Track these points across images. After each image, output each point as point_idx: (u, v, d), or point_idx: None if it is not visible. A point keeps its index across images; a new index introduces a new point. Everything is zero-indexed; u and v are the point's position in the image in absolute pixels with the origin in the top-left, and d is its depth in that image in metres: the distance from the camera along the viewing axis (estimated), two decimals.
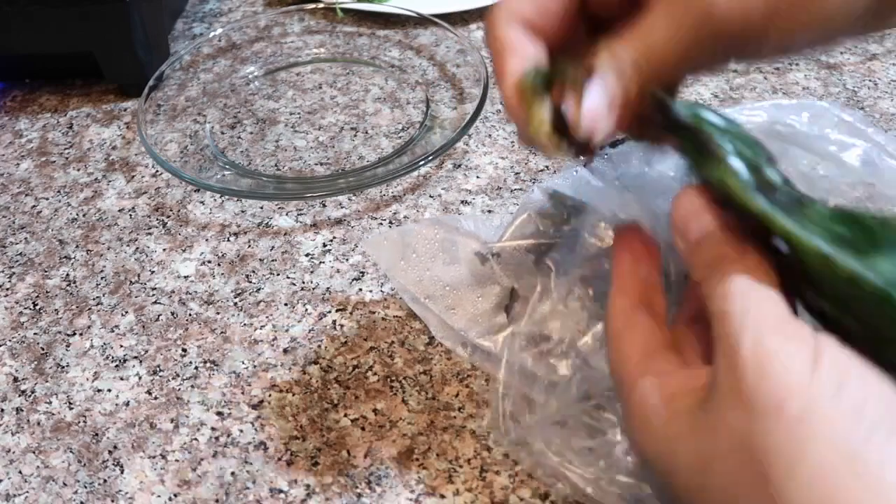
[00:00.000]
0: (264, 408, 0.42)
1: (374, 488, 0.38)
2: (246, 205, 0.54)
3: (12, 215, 0.56)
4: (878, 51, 0.64)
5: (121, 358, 0.45)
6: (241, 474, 0.39)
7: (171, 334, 0.46)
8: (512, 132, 0.58)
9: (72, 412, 0.43)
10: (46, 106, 0.65)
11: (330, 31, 0.70)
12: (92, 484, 0.40)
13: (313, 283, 0.49)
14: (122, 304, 0.48)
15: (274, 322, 0.47)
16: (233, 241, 0.52)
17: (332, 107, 0.62)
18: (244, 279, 0.49)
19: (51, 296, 0.49)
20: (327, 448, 0.40)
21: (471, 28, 0.70)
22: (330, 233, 0.52)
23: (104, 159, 0.60)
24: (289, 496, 0.38)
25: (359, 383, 0.43)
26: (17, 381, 0.45)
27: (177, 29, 0.73)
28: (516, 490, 0.38)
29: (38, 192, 0.57)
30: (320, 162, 0.57)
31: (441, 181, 0.55)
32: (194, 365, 0.45)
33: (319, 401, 0.42)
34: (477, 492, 0.38)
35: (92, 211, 0.55)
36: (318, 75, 0.66)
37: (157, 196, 0.56)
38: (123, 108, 0.64)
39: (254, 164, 0.58)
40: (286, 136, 0.60)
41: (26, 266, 0.52)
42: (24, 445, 0.42)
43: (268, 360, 0.45)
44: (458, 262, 0.44)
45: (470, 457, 0.39)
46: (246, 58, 0.68)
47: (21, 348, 0.47)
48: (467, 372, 0.43)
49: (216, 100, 0.64)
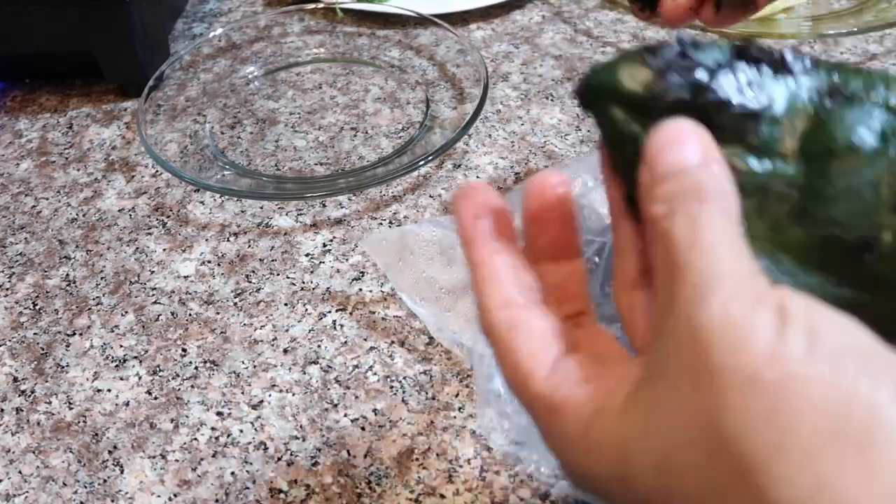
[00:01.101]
0: (264, 408, 0.42)
1: (374, 488, 0.38)
2: (246, 205, 0.54)
3: (12, 215, 0.56)
4: (878, 51, 0.64)
5: (121, 358, 0.45)
6: (241, 474, 0.39)
7: (171, 334, 0.46)
8: (512, 132, 0.58)
9: (72, 412, 0.43)
10: (46, 106, 0.65)
11: (330, 31, 0.70)
12: (92, 484, 0.40)
13: (313, 283, 0.49)
14: (122, 304, 0.49)
15: (274, 322, 0.47)
16: (233, 241, 0.52)
17: (332, 107, 0.62)
18: (244, 279, 0.49)
19: (51, 296, 0.49)
20: (327, 448, 0.40)
21: (471, 28, 0.70)
22: (330, 233, 0.52)
23: (104, 159, 0.60)
24: (289, 496, 0.38)
25: (359, 383, 0.43)
26: (17, 381, 0.45)
27: (177, 29, 0.73)
28: (516, 490, 0.38)
29: (38, 192, 0.57)
30: (320, 162, 0.57)
31: (441, 181, 0.55)
32: (194, 365, 0.45)
33: (319, 401, 0.42)
34: (477, 492, 0.38)
35: (92, 211, 0.55)
36: (318, 75, 0.66)
37: (157, 196, 0.56)
38: (123, 108, 0.65)
39: (254, 164, 0.58)
40: (286, 136, 0.60)
41: (26, 266, 0.52)
42: (24, 445, 0.42)
43: (268, 360, 0.45)
44: (455, 263, 0.44)
45: (470, 457, 0.39)
46: (246, 58, 0.68)
47: (21, 348, 0.47)
48: (467, 372, 0.43)
49: (216, 100, 0.64)
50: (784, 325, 0.21)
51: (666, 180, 0.24)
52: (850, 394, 0.20)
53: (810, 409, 0.20)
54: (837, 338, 0.21)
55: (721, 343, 0.21)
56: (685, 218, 0.23)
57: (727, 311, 0.21)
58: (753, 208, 0.25)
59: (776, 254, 0.25)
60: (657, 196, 0.24)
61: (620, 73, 0.26)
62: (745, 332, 0.21)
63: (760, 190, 0.25)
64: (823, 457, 0.20)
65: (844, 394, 0.20)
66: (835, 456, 0.20)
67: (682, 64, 0.25)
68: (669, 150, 0.24)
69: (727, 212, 0.23)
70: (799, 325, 0.21)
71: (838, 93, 0.25)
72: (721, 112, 0.25)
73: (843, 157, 0.25)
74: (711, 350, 0.21)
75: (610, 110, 0.26)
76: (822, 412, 0.20)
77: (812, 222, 0.25)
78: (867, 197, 0.24)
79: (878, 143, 0.25)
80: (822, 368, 0.21)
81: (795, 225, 0.25)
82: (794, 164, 0.25)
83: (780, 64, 0.26)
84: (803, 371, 0.21)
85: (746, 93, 0.25)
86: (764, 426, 0.20)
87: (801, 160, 0.25)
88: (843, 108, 0.25)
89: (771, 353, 0.21)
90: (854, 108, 0.25)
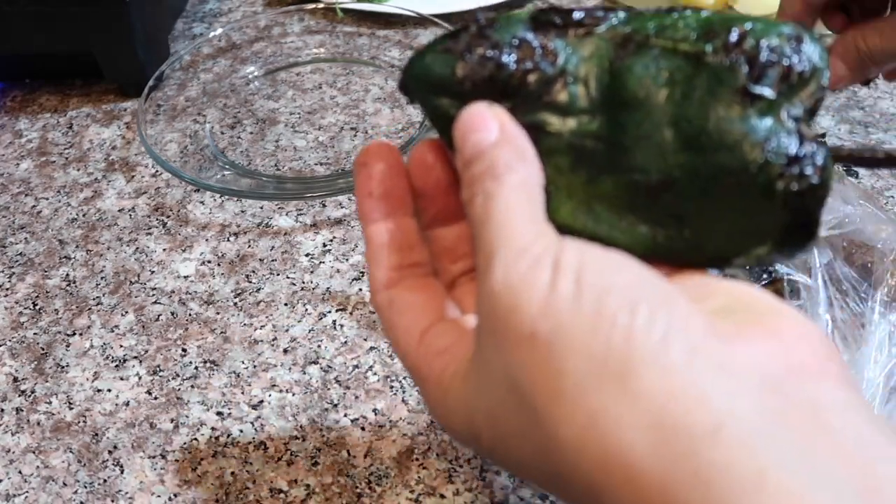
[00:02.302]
0: (264, 408, 0.42)
1: (374, 488, 0.38)
2: (246, 205, 0.54)
3: (12, 215, 0.56)
4: None
5: (121, 358, 0.45)
6: (241, 474, 0.39)
7: (171, 334, 0.46)
8: None
9: (72, 412, 0.43)
10: (46, 106, 0.65)
11: (330, 31, 0.70)
12: (92, 484, 0.40)
13: (313, 283, 0.49)
14: (122, 304, 0.49)
15: (274, 322, 0.47)
16: (233, 241, 0.52)
17: (332, 107, 0.62)
18: (244, 279, 0.49)
19: (51, 296, 0.49)
20: (327, 448, 0.40)
21: None
22: (330, 233, 0.52)
23: (104, 159, 0.60)
24: (289, 496, 0.38)
25: (359, 383, 0.43)
26: (17, 381, 0.45)
27: (177, 29, 0.73)
28: (516, 490, 0.38)
29: (38, 192, 0.57)
30: (320, 162, 0.57)
31: None
32: (194, 365, 0.45)
33: (319, 401, 0.42)
34: (477, 492, 0.38)
35: (92, 211, 0.55)
36: (318, 75, 0.66)
37: (157, 196, 0.56)
38: (123, 108, 0.64)
39: (254, 164, 0.58)
40: (286, 136, 0.60)
41: (26, 266, 0.52)
42: (24, 445, 0.42)
43: (268, 360, 0.45)
44: None
45: (470, 457, 0.39)
46: (246, 58, 0.68)
47: (21, 348, 0.47)
48: None
49: (216, 100, 0.64)
50: (556, 276, 0.23)
51: (469, 165, 0.26)
52: (610, 328, 0.21)
53: (577, 350, 0.21)
54: (602, 276, 0.23)
55: (504, 306, 0.23)
56: (481, 196, 0.25)
57: (506, 276, 0.23)
58: (568, 166, 0.27)
59: (593, 205, 0.27)
60: (463, 181, 0.26)
61: (431, 61, 0.27)
62: (522, 292, 0.23)
63: (572, 148, 0.27)
64: (591, 394, 0.21)
65: (605, 330, 0.21)
66: (598, 391, 0.21)
67: (480, 44, 0.27)
68: (469, 136, 0.26)
69: (523, 182, 0.25)
70: (569, 274, 0.22)
71: (630, 42, 0.26)
72: (522, 82, 0.26)
73: (634, 106, 0.26)
74: (497, 314, 0.23)
75: (431, 100, 0.28)
76: (587, 352, 0.21)
77: (618, 171, 0.26)
78: (657, 141, 0.26)
79: (664, 87, 0.26)
80: (586, 310, 0.22)
81: (605, 175, 0.26)
82: (598, 119, 0.26)
83: (577, 23, 0.27)
84: (570, 318, 0.22)
85: (543, 59, 0.26)
86: (542, 375, 0.22)
87: (602, 113, 0.26)
88: (633, 58, 0.26)
89: (544, 306, 0.22)
90: (643, 55, 0.26)
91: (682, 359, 0.21)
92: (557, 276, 0.22)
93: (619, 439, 0.21)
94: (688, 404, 0.20)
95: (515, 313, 0.22)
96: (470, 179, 0.26)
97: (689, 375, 0.21)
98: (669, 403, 0.20)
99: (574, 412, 0.21)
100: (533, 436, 0.23)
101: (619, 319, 0.21)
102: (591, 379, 0.21)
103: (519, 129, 0.26)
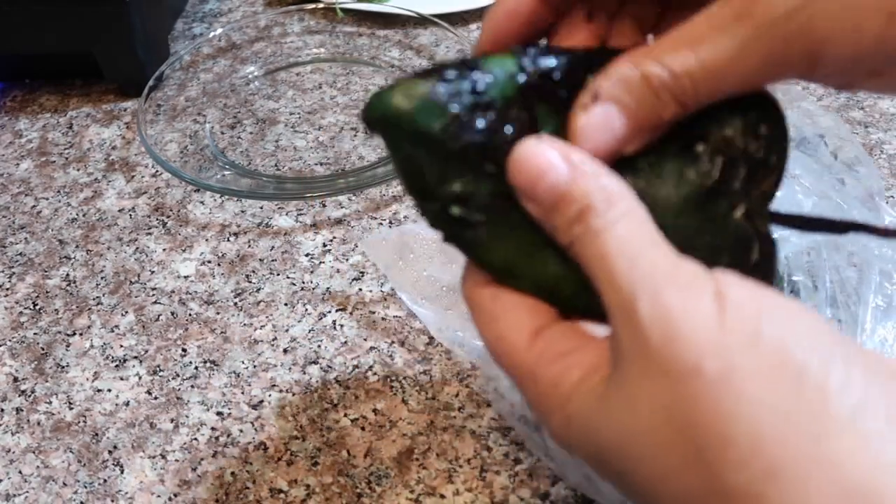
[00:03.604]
0: (264, 408, 0.42)
1: (374, 488, 0.38)
2: (246, 205, 0.54)
3: (12, 215, 0.56)
4: None
5: (121, 358, 0.45)
6: (241, 474, 0.39)
7: (171, 334, 0.46)
8: None
9: (72, 412, 0.43)
10: (46, 106, 0.65)
11: (330, 31, 0.70)
12: (92, 484, 0.40)
13: (313, 283, 0.49)
14: (122, 304, 0.49)
15: (274, 322, 0.47)
16: (233, 241, 0.52)
17: (332, 107, 0.62)
18: (244, 279, 0.49)
19: (51, 296, 0.49)
20: (327, 448, 0.40)
21: (471, 28, 0.70)
22: (330, 233, 0.52)
23: (104, 159, 0.60)
24: (289, 496, 0.38)
25: (359, 383, 0.43)
26: (17, 381, 0.45)
27: (177, 29, 0.73)
28: (516, 490, 0.38)
29: (38, 192, 0.57)
30: (320, 162, 0.57)
31: None
32: (194, 365, 0.45)
33: (319, 401, 0.42)
34: (477, 492, 0.38)
35: (92, 211, 0.55)
36: (318, 75, 0.66)
37: (157, 196, 0.56)
38: (123, 108, 0.64)
39: (254, 164, 0.58)
40: (286, 136, 0.60)
41: (26, 266, 0.52)
42: (24, 445, 0.42)
43: (268, 360, 0.45)
44: (456, 261, 0.44)
45: (470, 457, 0.39)
46: (246, 58, 0.68)
47: (21, 348, 0.47)
48: (467, 372, 0.43)
49: (216, 100, 0.64)
50: (723, 312, 0.22)
51: (556, 211, 0.25)
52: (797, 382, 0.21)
53: (755, 398, 0.21)
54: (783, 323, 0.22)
55: (658, 336, 0.22)
56: (586, 237, 0.24)
57: (656, 306, 0.22)
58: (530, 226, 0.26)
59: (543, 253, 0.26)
60: (558, 229, 0.25)
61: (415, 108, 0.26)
62: (682, 322, 0.22)
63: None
64: (772, 446, 0.20)
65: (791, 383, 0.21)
66: (783, 446, 0.20)
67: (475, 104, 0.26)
68: (540, 183, 0.25)
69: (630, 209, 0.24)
70: (741, 314, 0.22)
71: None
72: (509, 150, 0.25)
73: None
74: (650, 343, 0.22)
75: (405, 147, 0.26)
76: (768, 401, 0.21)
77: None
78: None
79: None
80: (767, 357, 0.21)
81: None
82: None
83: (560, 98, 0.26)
84: (745, 361, 0.21)
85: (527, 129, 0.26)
86: (710, 416, 0.21)
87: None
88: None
89: (714, 343, 0.21)
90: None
91: (880, 427, 0.20)
92: (725, 312, 0.22)
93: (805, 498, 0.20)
94: (886, 479, 0.20)
95: (675, 343, 0.22)
96: (566, 225, 0.24)
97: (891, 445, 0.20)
98: (867, 473, 0.20)
99: (749, 461, 0.21)
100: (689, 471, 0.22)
101: (810, 374, 0.21)
102: (771, 430, 0.21)
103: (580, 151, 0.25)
